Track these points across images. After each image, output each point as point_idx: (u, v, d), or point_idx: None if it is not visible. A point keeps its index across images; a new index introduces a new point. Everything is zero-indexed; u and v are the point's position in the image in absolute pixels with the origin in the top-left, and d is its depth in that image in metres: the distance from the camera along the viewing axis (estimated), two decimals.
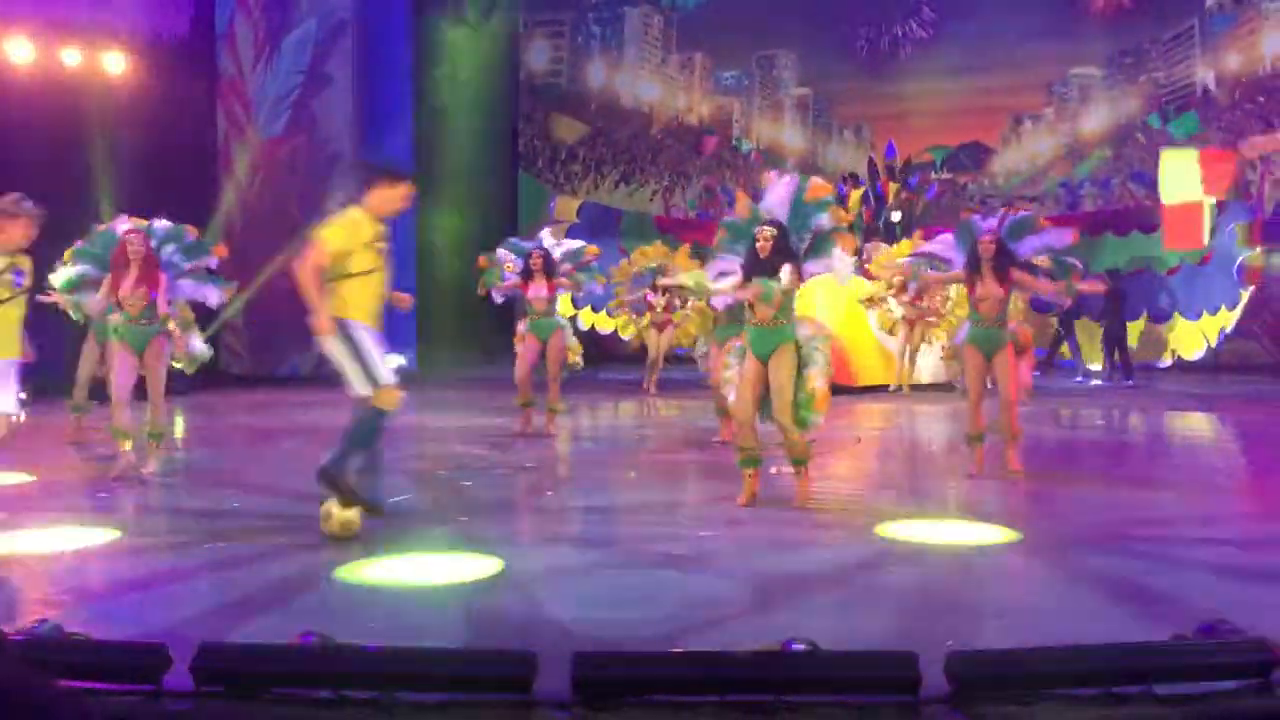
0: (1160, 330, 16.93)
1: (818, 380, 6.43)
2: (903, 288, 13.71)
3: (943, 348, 13.62)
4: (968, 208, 9.42)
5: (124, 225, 8.02)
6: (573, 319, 17.22)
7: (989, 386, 7.78)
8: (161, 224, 8.07)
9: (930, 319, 13.90)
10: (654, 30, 21.07)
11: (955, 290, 12.90)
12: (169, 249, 7.96)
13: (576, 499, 7.35)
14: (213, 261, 8.14)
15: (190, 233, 8.14)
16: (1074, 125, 19.12)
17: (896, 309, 14.06)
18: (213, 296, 8.13)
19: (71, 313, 8.65)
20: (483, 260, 10.53)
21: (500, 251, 10.47)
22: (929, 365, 14.60)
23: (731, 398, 6.75)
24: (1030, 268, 7.71)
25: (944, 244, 8.18)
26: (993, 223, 7.86)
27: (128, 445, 7.68)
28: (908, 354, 14.10)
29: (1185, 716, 3.00)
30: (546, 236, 10.53)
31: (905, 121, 19.22)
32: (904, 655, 3.09)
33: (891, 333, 14.21)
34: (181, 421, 11.69)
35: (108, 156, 13.76)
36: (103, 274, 7.87)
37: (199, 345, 8.52)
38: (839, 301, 13.64)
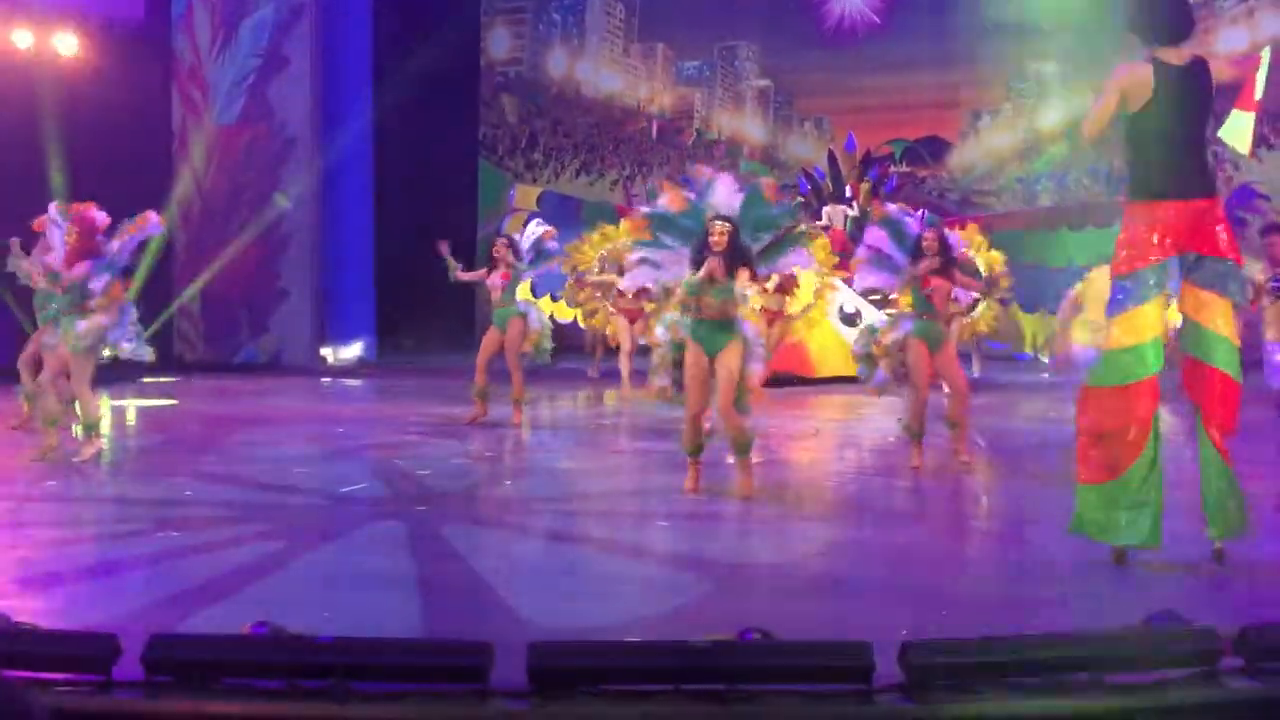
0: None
1: (754, 378, 6.64)
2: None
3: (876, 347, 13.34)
4: (878, 202, 9.46)
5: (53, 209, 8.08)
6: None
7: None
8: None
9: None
10: (616, 19, 21.01)
11: None
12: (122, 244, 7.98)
13: (534, 489, 7.33)
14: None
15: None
16: (1031, 121, 19.29)
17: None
18: (153, 224, 8.11)
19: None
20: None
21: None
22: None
23: (657, 382, 6.82)
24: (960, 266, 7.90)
25: (880, 240, 8.07)
26: (913, 219, 7.96)
27: (94, 431, 7.69)
28: None
29: (1135, 705, 3.04)
30: (534, 225, 10.48)
31: (865, 115, 19.29)
32: (858, 644, 3.10)
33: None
34: (134, 408, 11.55)
35: (60, 141, 13.53)
36: None
37: (132, 346, 8.08)
38: (802, 293, 13.64)
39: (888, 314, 8.51)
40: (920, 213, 8.19)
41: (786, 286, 12.13)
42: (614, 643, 3.64)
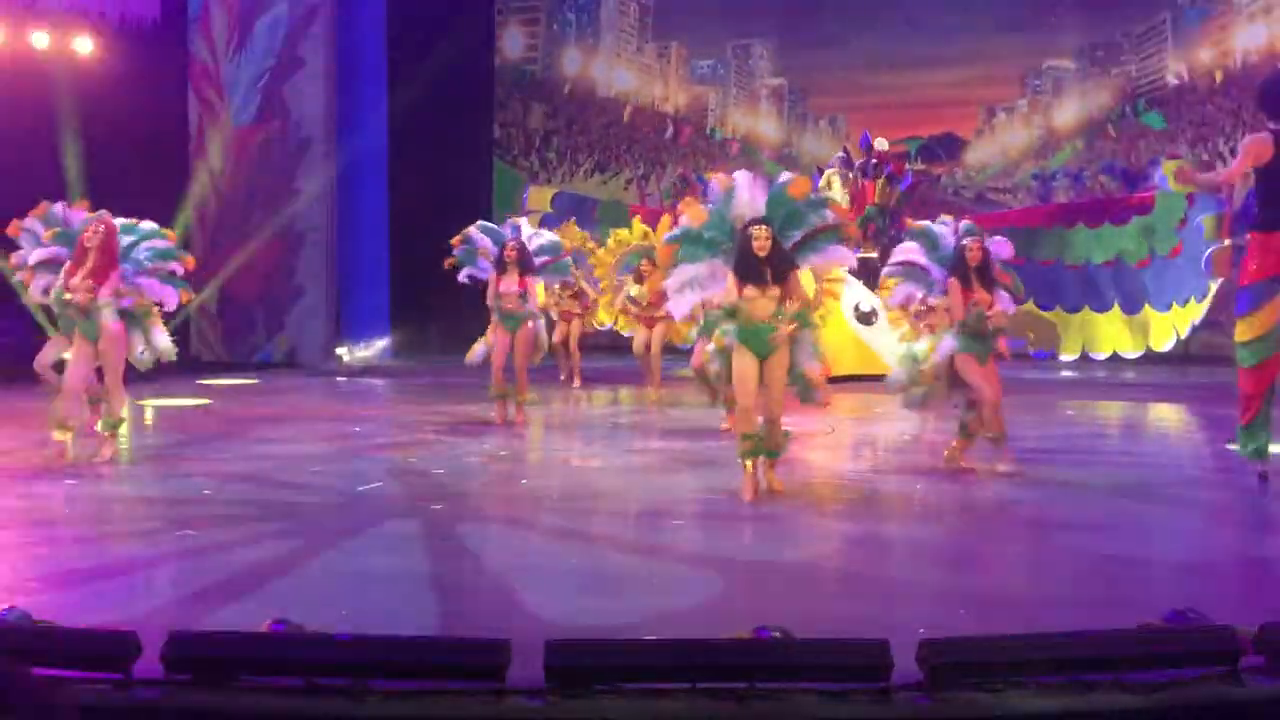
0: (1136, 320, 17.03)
1: (809, 364, 6.57)
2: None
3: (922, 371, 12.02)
4: (907, 219, 9.25)
5: (82, 213, 7.99)
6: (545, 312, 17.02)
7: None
8: (146, 225, 8.07)
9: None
10: (629, 18, 21.00)
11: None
12: (142, 246, 7.90)
13: (550, 487, 7.33)
14: (178, 267, 8.09)
15: (169, 238, 8.18)
16: (1047, 117, 19.22)
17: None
18: (171, 300, 8.03)
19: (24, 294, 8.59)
20: (457, 239, 10.43)
21: (475, 234, 10.37)
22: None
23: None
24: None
25: (912, 252, 7.90)
26: (950, 232, 7.74)
27: (62, 436, 7.62)
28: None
29: (1153, 703, 3.03)
30: (524, 225, 10.45)
31: (880, 112, 19.23)
32: (876, 643, 3.10)
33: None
34: (152, 408, 11.60)
35: (77, 141, 13.60)
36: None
37: (164, 342, 8.10)
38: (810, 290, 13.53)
39: (924, 335, 8.07)
40: (956, 222, 7.89)
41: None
42: (631, 641, 3.64)
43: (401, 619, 4.24)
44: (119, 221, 7.90)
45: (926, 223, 8.00)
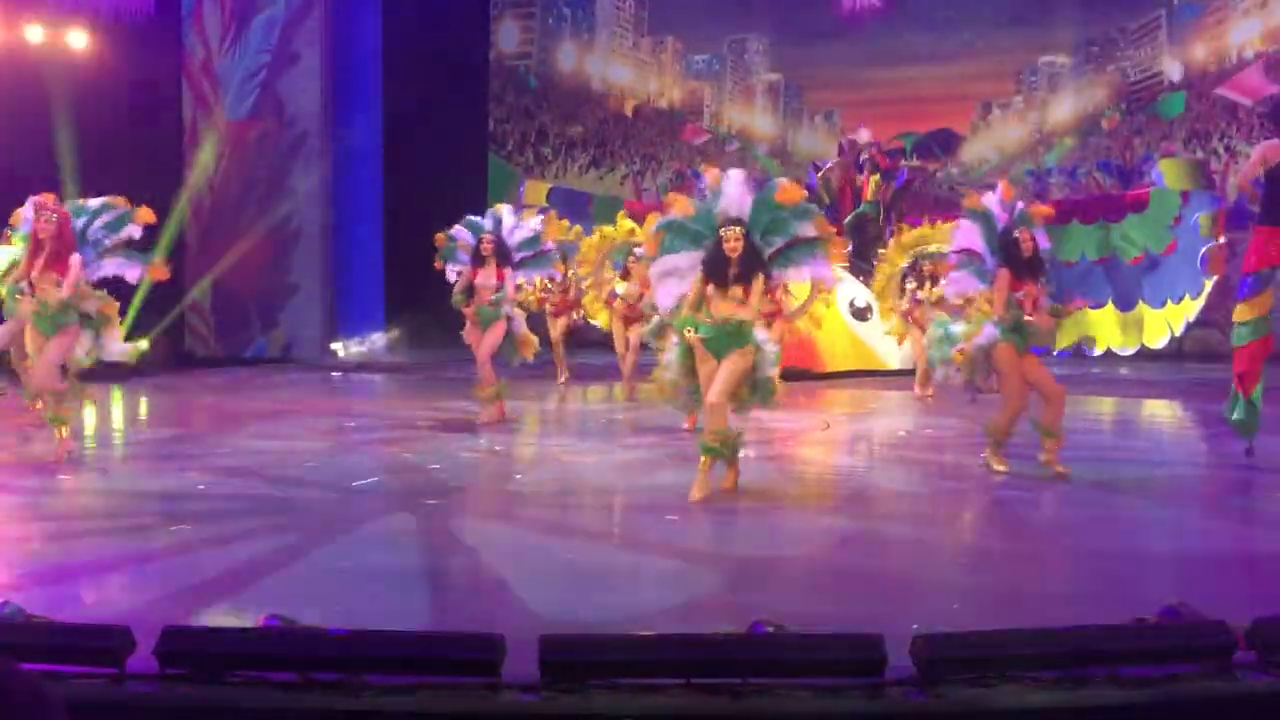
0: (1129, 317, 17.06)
1: (770, 371, 6.47)
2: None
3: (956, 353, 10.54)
4: (973, 191, 8.64)
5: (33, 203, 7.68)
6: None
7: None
8: (94, 201, 7.75)
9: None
10: (625, 13, 20.98)
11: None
12: (95, 225, 7.59)
13: (544, 483, 7.33)
14: (136, 231, 7.69)
15: (119, 204, 7.74)
16: (1042, 113, 19.23)
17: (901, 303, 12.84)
18: (132, 274, 7.71)
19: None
20: (439, 237, 10.39)
21: (457, 229, 10.30)
22: (900, 349, 14.48)
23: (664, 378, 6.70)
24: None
25: (972, 237, 7.36)
26: (1004, 213, 7.28)
27: (63, 430, 7.49)
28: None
29: (1146, 698, 3.03)
30: (506, 215, 10.23)
31: (876, 108, 19.25)
32: (869, 637, 3.10)
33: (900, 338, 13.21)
34: (146, 402, 11.59)
35: (72, 137, 13.56)
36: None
37: (118, 347, 7.79)
38: (799, 290, 13.43)
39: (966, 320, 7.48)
40: (1011, 203, 7.37)
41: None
42: (625, 636, 3.64)
43: (396, 614, 4.24)
44: (67, 205, 7.62)
45: (985, 201, 7.41)
